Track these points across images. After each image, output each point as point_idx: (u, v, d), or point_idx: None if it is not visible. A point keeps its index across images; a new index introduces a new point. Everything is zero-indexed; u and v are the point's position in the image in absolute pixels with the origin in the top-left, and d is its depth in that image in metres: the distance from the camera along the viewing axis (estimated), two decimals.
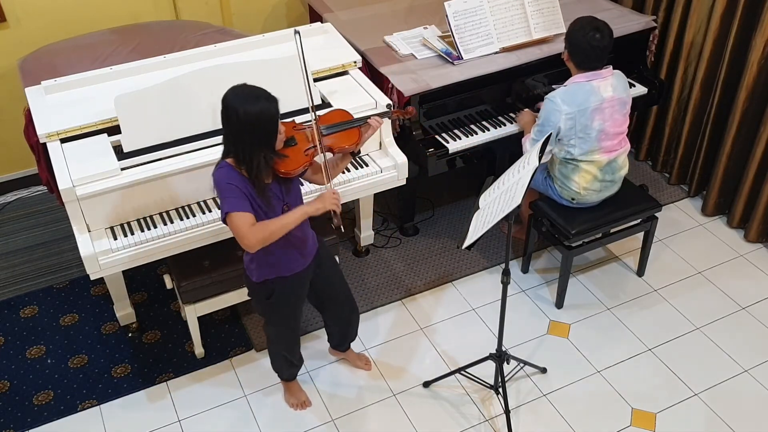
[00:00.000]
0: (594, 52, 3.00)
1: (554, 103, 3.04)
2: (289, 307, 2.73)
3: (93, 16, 3.92)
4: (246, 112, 2.24)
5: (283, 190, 2.46)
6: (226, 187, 2.33)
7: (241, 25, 4.27)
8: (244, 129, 2.26)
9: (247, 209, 2.33)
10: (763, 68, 3.49)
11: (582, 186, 3.21)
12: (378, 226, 3.95)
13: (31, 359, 3.29)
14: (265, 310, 2.76)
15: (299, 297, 2.73)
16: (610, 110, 3.08)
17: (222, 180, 2.34)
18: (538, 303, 3.52)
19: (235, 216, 2.32)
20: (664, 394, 3.09)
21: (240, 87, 2.31)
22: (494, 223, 2.49)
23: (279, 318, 2.76)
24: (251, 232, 2.32)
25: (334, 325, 3.05)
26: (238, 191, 2.32)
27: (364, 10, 4.01)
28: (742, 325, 3.39)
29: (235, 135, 2.29)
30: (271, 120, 2.29)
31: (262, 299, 2.68)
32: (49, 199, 4.09)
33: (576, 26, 3.04)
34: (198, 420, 3.03)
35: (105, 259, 2.82)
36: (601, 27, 3.00)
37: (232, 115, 2.26)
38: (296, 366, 3.00)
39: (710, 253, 3.77)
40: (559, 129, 3.05)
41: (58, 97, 3.15)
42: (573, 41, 3.05)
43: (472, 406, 3.06)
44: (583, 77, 3.06)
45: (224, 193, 2.33)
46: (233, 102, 2.26)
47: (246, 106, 2.24)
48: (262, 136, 2.29)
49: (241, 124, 2.25)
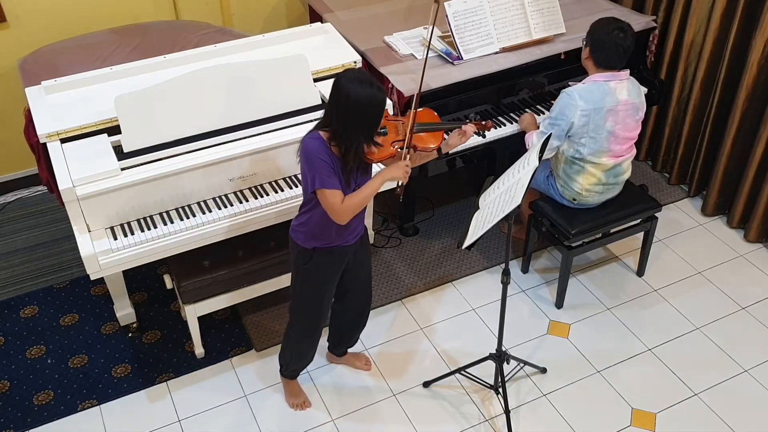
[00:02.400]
0: (617, 50, 3.01)
1: (571, 97, 3.04)
2: (322, 280, 2.72)
3: (93, 16, 3.92)
4: (357, 94, 2.29)
5: (360, 173, 2.52)
6: (319, 162, 2.38)
7: (241, 25, 4.27)
8: (352, 110, 2.32)
9: (337, 186, 2.41)
10: (763, 68, 3.49)
11: (584, 187, 3.21)
12: (378, 226, 3.95)
13: (31, 359, 3.29)
14: (298, 276, 2.74)
15: (335, 272, 2.73)
16: (624, 114, 3.08)
17: (315, 153, 2.39)
18: (538, 303, 3.52)
19: (328, 192, 2.40)
20: (664, 394, 3.09)
21: (354, 71, 2.38)
22: (494, 223, 2.49)
23: (309, 289, 2.74)
24: (343, 207, 2.43)
25: (344, 317, 3.01)
26: (329, 168, 2.39)
27: (364, 10, 4.00)
28: (742, 325, 3.39)
29: (342, 115, 2.34)
30: (378, 107, 2.35)
31: (299, 263, 2.68)
32: (49, 199, 4.09)
33: (600, 24, 3.05)
34: (198, 420, 3.03)
35: (105, 259, 2.82)
36: (625, 27, 3.02)
37: (342, 95, 2.31)
38: (304, 361, 2.99)
39: (710, 253, 3.77)
40: (572, 124, 3.05)
41: (58, 97, 3.15)
42: (596, 39, 3.05)
43: (472, 406, 3.06)
44: (601, 77, 3.06)
45: (318, 168, 2.39)
46: (346, 83, 2.31)
47: (357, 89, 2.30)
48: (366, 121, 2.36)
49: (350, 105, 2.31)
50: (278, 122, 3.10)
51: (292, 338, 2.91)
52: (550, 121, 3.12)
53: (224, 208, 2.99)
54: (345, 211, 2.44)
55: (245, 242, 3.11)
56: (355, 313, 2.99)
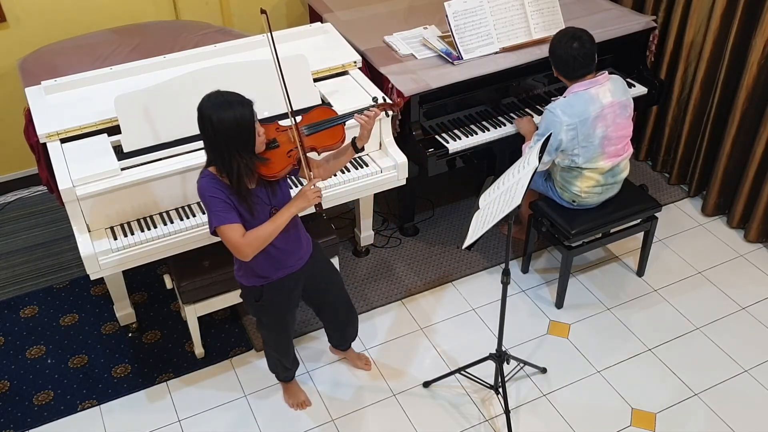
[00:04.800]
0: (576, 61, 3.02)
1: (554, 114, 3.05)
2: (280, 311, 2.71)
3: (93, 16, 3.92)
4: (220, 119, 2.22)
5: (269, 193, 2.44)
6: (210, 200, 2.32)
7: (241, 25, 4.27)
8: (220, 136, 2.25)
9: (235, 220, 2.33)
10: (763, 68, 3.49)
11: (583, 190, 3.21)
12: (378, 226, 3.95)
13: (31, 359, 3.29)
14: (255, 313, 2.76)
15: (290, 300, 2.71)
16: (612, 116, 3.08)
17: (206, 192, 2.33)
18: (538, 303, 3.52)
19: (225, 229, 2.33)
20: (664, 394, 3.09)
21: (214, 94, 2.29)
22: (494, 224, 2.49)
23: (270, 321, 2.75)
24: (244, 242, 2.34)
25: (331, 326, 3.05)
26: (223, 203, 2.32)
27: (364, 10, 4.00)
28: (742, 325, 3.39)
29: (212, 143, 2.29)
30: (246, 125, 2.26)
31: (251, 301, 2.67)
32: (49, 199, 4.09)
33: (555, 40, 3.08)
34: (198, 420, 3.03)
35: (105, 259, 2.82)
36: (578, 35, 3.02)
37: (207, 124, 2.25)
38: (290, 369, 3.01)
39: (710, 253, 3.77)
40: (560, 141, 3.05)
41: (58, 97, 3.15)
42: (556, 56, 3.08)
43: (472, 406, 3.06)
44: (580, 86, 3.06)
45: (210, 207, 2.33)
46: (207, 110, 2.25)
47: (220, 113, 2.23)
48: (238, 142, 2.27)
49: (216, 131, 2.24)
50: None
51: (269, 355, 2.96)
52: (538, 138, 3.13)
53: None
54: (247, 246, 2.34)
55: None
56: (340, 317, 2.99)
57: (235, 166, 2.28)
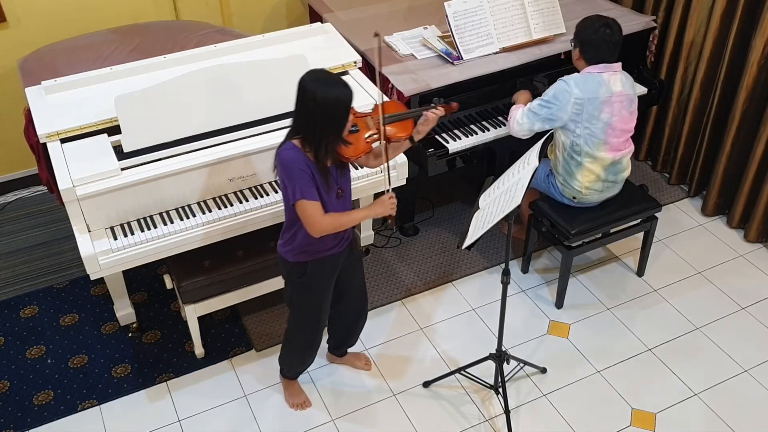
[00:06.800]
0: (606, 46, 3.04)
1: (567, 84, 3.06)
2: (319, 290, 2.72)
3: (93, 16, 3.92)
4: (323, 96, 2.27)
5: (339, 173, 2.50)
6: (299, 173, 2.36)
7: (241, 25, 4.27)
8: (319, 113, 2.29)
9: (317, 197, 2.39)
10: (763, 68, 3.49)
11: (584, 185, 3.21)
12: (378, 226, 3.95)
13: (31, 359, 3.29)
14: (294, 292, 2.74)
15: (330, 280, 2.73)
16: (619, 105, 3.10)
17: (294, 163, 2.36)
18: (538, 303, 3.52)
19: (307, 204, 2.38)
20: (664, 394, 3.09)
21: (318, 71, 2.34)
22: (494, 223, 2.49)
23: (307, 302, 2.74)
24: (324, 222, 2.42)
25: (341, 320, 3.02)
26: (308, 177, 2.37)
27: (364, 10, 4.00)
28: (742, 325, 3.39)
29: (309, 118, 2.32)
30: (345, 106, 2.32)
31: (294, 278, 2.67)
32: (49, 199, 4.09)
33: (585, 24, 3.09)
34: (198, 420, 3.03)
35: (105, 259, 2.82)
36: (610, 23, 3.06)
37: (309, 98, 2.29)
38: (305, 365, 3.00)
39: (710, 253, 3.77)
40: (560, 117, 3.06)
41: (58, 97, 3.15)
42: (584, 38, 3.08)
43: (472, 406, 3.06)
44: (595, 69, 3.08)
45: (298, 178, 2.37)
46: (311, 85, 2.29)
47: (323, 91, 2.27)
48: (334, 121, 2.33)
49: (317, 107, 2.28)
50: (278, 122, 3.09)
51: (294, 345, 2.92)
52: (542, 102, 3.13)
53: (224, 208, 2.99)
54: (325, 225, 2.43)
55: (245, 242, 3.11)
56: (353, 316, 3.00)
57: (324, 143, 2.34)
